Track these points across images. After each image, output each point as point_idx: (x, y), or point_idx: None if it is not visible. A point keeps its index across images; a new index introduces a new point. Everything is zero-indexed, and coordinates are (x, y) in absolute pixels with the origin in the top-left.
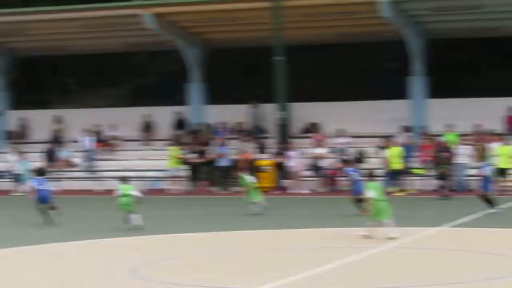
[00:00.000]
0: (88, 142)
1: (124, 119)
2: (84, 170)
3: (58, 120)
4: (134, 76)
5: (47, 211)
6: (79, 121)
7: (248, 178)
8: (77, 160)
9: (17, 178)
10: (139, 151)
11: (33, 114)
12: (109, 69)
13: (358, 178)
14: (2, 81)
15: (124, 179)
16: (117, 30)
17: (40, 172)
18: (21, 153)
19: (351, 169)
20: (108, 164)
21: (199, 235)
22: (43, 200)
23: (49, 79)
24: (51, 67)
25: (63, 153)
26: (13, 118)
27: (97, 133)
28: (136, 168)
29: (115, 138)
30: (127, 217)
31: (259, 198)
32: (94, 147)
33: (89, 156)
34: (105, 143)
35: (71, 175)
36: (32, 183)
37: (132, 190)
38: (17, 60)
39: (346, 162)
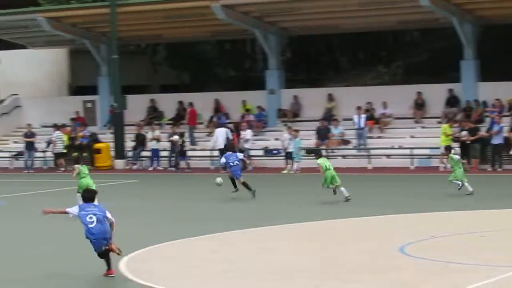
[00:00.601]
0: (360, 120)
1: (396, 97)
2: (356, 148)
3: (331, 98)
4: (406, 53)
5: (243, 185)
6: (351, 99)
7: (456, 158)
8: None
9: (288, 156)
10: (410, 128)
11: (306, 92)
12: (381, 47)
13: None
14: (275, 60)
15: (319, 153)
16: (391, 8)
17: (228, 148)
18: (293, 131)
19: None
20: (380, 142)
21: (468, 213)
22: (234, 175)
23: (322, 58)
24: (323, 45)
25: (335, 131)
26: (286, 97)
27: (369, 111)
28: (407, 146)
29: (387, 116)
30: (338, 190)
31: (464, 177)
32: (366, 125)
33: (361, 134)
34: (377, 121)
35: (343, 153)
36: (224, 159)
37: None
38: (290, 39)
39: None
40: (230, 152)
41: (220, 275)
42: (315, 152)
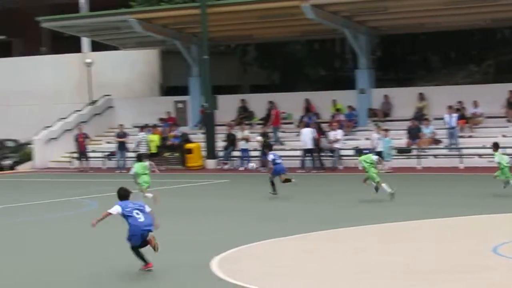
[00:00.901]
0: (451, 119)
1: (487, 96)
2: (448, 148)
3: (422, 97)
4: (498, 52)
5: (284, 182)
6: (442, 98)
7: (503, 157)
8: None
9: (379, 155)
10: (502, 128)
11: (396, 92)
12: (472, 45)
13: None
14: (365, 59)
15: (361, 151)
16: (482, 6)
17: (270, 146)
18: (384, 130)
19: None
20: (471, 141)
21: None
22: (280, 172)
23: (412, 57)
24: (413, 44)
25: (426, 131)
26: (377, 96)
27: (460, 110)
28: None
29: (478, 115)
30: (380, 186)
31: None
32: (458, 124)
33: (453, 133)
34: (468, 120)
35: (434, 152)
36: (269, 157)
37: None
38: (380, 39)
39: None
40: (273, 151)
41: (312, 275)
42: (356, 151)
